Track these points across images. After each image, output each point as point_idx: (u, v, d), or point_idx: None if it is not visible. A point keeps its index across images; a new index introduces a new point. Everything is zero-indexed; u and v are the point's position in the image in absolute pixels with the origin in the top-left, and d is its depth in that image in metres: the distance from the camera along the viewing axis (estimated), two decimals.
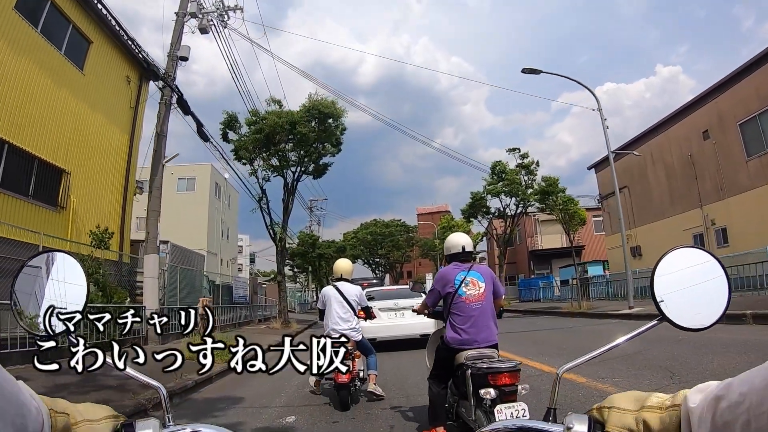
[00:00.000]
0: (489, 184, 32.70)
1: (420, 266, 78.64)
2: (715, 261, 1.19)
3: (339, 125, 23.69)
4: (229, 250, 54.14)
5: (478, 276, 4.69)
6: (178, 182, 46.26)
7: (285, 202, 24.49)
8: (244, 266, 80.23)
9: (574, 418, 0.98)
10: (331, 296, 7.19)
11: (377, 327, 11.83)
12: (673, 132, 28.58)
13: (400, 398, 7.11)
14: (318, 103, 22.63)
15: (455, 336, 4.49)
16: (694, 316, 1.19)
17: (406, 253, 71.06)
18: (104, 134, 17.07)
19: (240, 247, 75.46)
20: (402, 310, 12.99)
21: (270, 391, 8.15)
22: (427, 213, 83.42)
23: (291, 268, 56.13)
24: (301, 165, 24.42)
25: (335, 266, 7.77)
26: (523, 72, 19.71)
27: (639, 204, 31.70)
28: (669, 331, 1.37)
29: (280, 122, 21.82)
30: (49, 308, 1.18)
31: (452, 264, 4.86)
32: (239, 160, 23.10)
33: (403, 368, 10.03)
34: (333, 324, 7.02)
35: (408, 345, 12.47)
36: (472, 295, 4.57)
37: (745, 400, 0.65)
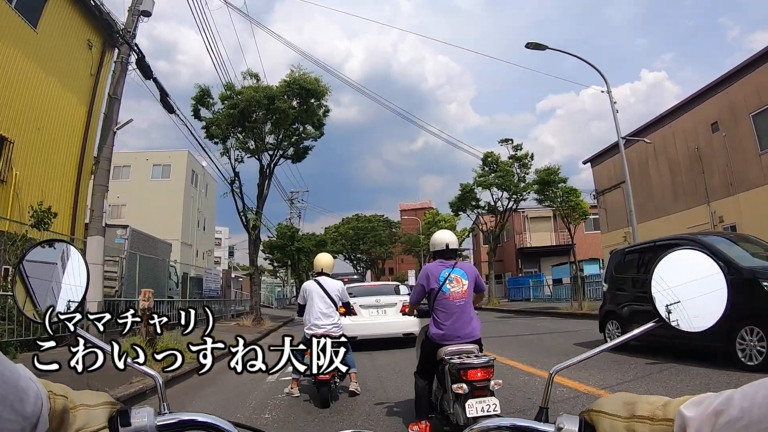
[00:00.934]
0: (480, 175, 30.86)
1: (403, 263, 77.86)
2: (713, 263, 1.17)
3: (322, 105, 21.63)
4: (206, 241, 52.23)
5: (462, 273, 4.90)
6: (152, 169, 44.71)
7: (260, 187, 22.32)
8: (223, 259, 78.82)
9: (566, 419, 0.96)
10: (312, 291, 7.19)
11: (358, 325, 11.63)
12: (678, 124, 26.75)
13: (380, 394, 7.24)
14: (300, 78, 20.55)
15: (438, 331, 4.74)
16: (692, 318, 1.17)
17: (389, 250, 69.66)
18: (58, 102, 15.05)
19: (218, 240, 73.89)
20: (384, 307, 12.52)
21: (237, 395, 7.84)
22: (411, 209, 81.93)
23: (270, 262, 54.51)
24: (279, 147, 22.33)
25: (316, 260, 7.73)
26: (527, 47, 17.88)
27: (639, 200, 29.81)
28: None
29: (256, 96, 19.73)
30: (49, 308, 1.18)
31: (437, 261, 5.06)
32: (210, 139, 20.94)
33: (382, 366, 9.84)
34: (315, 319, 7.03)
35: (387, 344, 12.02)
36: (455, 292, 4.78)
37: (744, 415, 0.62)
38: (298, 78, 20.53)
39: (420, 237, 53.65)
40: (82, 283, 1.24)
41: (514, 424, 1.05)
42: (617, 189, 32.06)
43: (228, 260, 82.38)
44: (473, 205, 32.68)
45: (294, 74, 20.80)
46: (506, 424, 1.06)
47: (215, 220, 56.24)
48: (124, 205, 41.50)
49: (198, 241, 48.07)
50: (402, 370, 8.68)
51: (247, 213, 21.54)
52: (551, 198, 21.68)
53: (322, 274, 7.37)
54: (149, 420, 0.97)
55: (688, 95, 27.26)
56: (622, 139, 18.98)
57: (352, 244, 68.01)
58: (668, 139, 26.75)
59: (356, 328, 11.50)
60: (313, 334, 6.89)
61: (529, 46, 17.85)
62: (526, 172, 30.50)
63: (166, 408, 1.07)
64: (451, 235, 5.21)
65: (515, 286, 42.80)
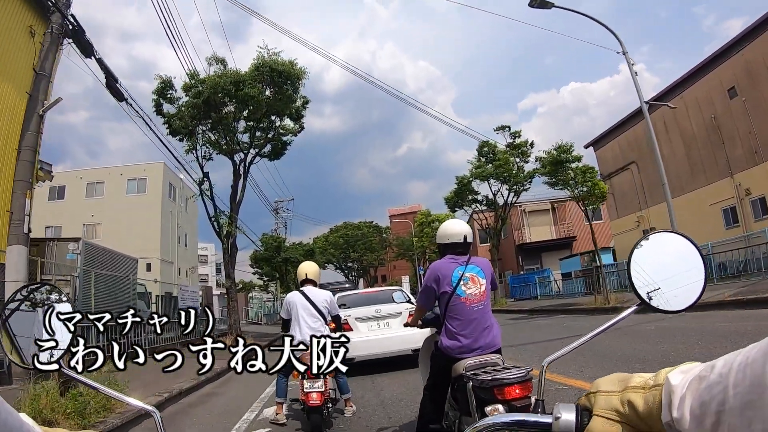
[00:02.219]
0: (477, 166, 28.44)
1: (395, 269, 76.19)
2: (690, 244, 1.23)
3: (298, 90, 19.06)
4: (188, 258, 49.68)
5: (478, 271, 4.10)
6: (127, 184, 42.75)
7: (234, 189, 19.75)
8: (210, 276, 76.68)
9: (562, 407, 0.96)
10: (297, 303, 6.35)
11: (355, 343, 8.65)
12: (690, 94, 24.50)
13: (380, 417, 6.43)
14: (271, 60, 17.97)
15: (453, 343, 3.95)
16: (672, 299, 1.22)
17: (380, 256, 67.49)
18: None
19: (204, 257, 71.60)
20: (387, 318, 10.00)
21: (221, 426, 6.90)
22: (400, 214, 79.67)
23: (260, 276, 52.37)
24: (253, 142, 19.83)
25: (300, 269, 6.90)
26: (530, 6, 15.52)
27: (651, 181, 27.59)
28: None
29: (221, 82, 17.23)
30: (34, 356, 1.27)
31: (447, 257, 4.18)
32: (174, 135, 18.39)
33: (380, 383, 8.59)
34: (301, 336, 5.99)
35: (391, 364, 9.73)
36: (472, 295, 4.00)
37: (722, 380, 0.66)
38: (269, 60, 18.01)
39: (413, 240, 51.35)
40: (69, 326, 1.33)
41: (514, 419, 1.05)
42: (625, 171, 29.86)
43: (216, 277, 79.83)
44: (471, 199, 30.23)
45: (262, 55, 18.32)
46: (506, 420, 1.05)
47: (197, 236, 53.52)
48: (99, 223, 39.92)
49: (180, 258, 45.56)
50: (410, 393, 7.16)
51: (219, 218, 18.99)
52: (565, 180, 19.22)
53: (308, 282, 6.49)
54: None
55: (684, 72, 25.24)
56: (645, 103, 16.54)
57: (342, 253, 65.53)
58: (680, 111, 24.36)
59: (353, 347, 8.67)
60: (301, 353, 4.93)
61: (533, 4, 15.50)
62: (526, 161, 28.17)
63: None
64: (467, 226, 4.37)
65: (519, 285, 40.37)
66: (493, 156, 28.14)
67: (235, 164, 19.82)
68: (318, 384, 5.66)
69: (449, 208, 31.41)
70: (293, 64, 18.33)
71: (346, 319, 9.25)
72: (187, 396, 9.24)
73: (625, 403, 0.83)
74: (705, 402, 0.68)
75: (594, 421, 0.87)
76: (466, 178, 29.06)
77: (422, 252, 51.65)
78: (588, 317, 17.07)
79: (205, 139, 19.11)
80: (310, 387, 5.65)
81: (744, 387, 0.62)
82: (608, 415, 0.85)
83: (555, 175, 19.78)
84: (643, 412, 0.80)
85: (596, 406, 0.88)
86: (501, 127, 28.79)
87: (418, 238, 49.57)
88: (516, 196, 29.45)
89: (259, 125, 19.65)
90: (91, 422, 6.11)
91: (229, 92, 17.34)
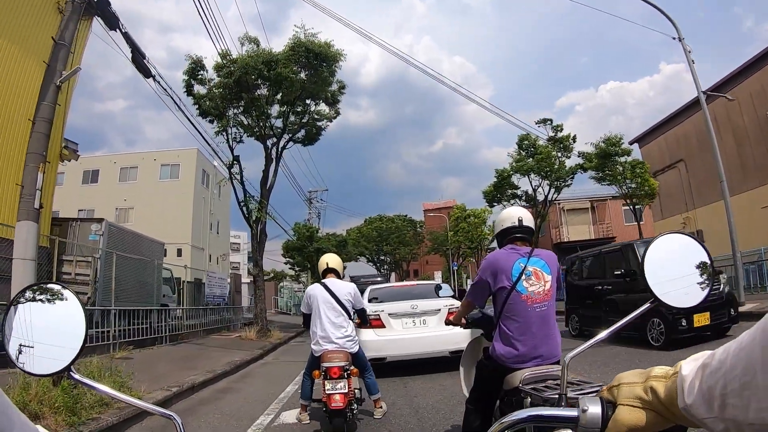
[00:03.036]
0: (517, 160, 27.30)
1: (428, 264, 75.07)
2: (698, 244, 1.32)
3: (334, 73, 18.22)
4: (220, 245, 49.65)
5: (543, 265, 3.43)
6: (160, 169, 42.67)
7: (265, 173, 19.05)
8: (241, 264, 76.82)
9: (588, 400, 1.00)
10: (318, 297, 5.78)
11: (387, 341, 8.72)
12: (743, 89, 22.99)
13: (413, 427, 5.57)
14: (307, 41, 17.15)
15: (509, 350, 3.30)
16: (682, 296, 1.31)
17: (413, 250, 66.53)
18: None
19: (236, 245, 71.71)
20: (424, 315, 8.99)
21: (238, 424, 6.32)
22: (435, 209, 78.57)
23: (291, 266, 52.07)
24: (286, 127, 19.10)
25: (321, 260, 6.27)
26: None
27: (699, 180, 26.19)
28: None
29: (253, 62, 16.49)
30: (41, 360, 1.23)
31: (507, 247, 3.55)
32: (204, 117, 17.75)
33: (414, 388, 7.66)
34: (322, 332, 5.59)
35: (427, 366, 8.83)
36: (535, 293, 3.33)
37: (722, 366, 0.72)
38: (304, 41, 17.16)
39: (448, 234, 50.30)
40: (79, 329, 1.28)
41: (539, 414, 1.05)
42: (672, 169, 28.38)
43: (247, 266, 80.00)
44: (510, 194, 29.09)
45: (298, 36, 17.44)
46: (534, 414, 1.05)
47: (230, 223, 53.37)
48: (131, 208, 40.04)
49: (211, 245, 45.48)
50: (448, 402, 6.41)
51: (249, 203, 18.31)
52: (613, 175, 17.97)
53: (330, 272, 6.02)
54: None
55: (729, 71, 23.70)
56: (703, 93, 15.31)
57: (375, 246, 64.76)
58: (732, 107, 22.86)
59: (385, 346, 8.69)
60: (323, 351, 5.48)
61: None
62: (568, 156, 26.91)
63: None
64: (523, 210, 3.79)
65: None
66: (534, 149, 27.00)
67: (267, 148, 19.13)
68: (341, 385, 5.15)
69: (487, 202, 30.32)
70: (330, 45, 17.46)
71: (378, 315, 8.85)
72: (200, 390, 8.51)
73: (648, 391, 0.89)
74: (711, 387, 0.74)
75: (619, 410, 0.92)
76: (506, 171, 27.95)
77: (457, 247, 50.67)
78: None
79: (236, 122, 18.42)
80: (332, 388, 5.14)
81: (740, 370, 0.68)
82: (633, 404, 0.91)
83: (602, 170, 18.59)
84: (665, 399, 0.85)
85: (620, 397, 0.93)
86: (542, 120, 27.51)
87: (453, 232, 48.60)
88: (557, 192, 28.19)
89: (293, 109, 18.85)
90: (83, 419, 5.38)
91: (261, 72, 16.60)
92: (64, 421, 5.20)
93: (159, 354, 12.73)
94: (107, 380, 6.40)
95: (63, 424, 5.16)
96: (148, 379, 7.09)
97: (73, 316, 1.28)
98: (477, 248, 47.33)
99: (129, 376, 6.73)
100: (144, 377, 6.93)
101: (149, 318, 14.95)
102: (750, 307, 13.12)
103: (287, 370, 10.76)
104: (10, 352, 1.21)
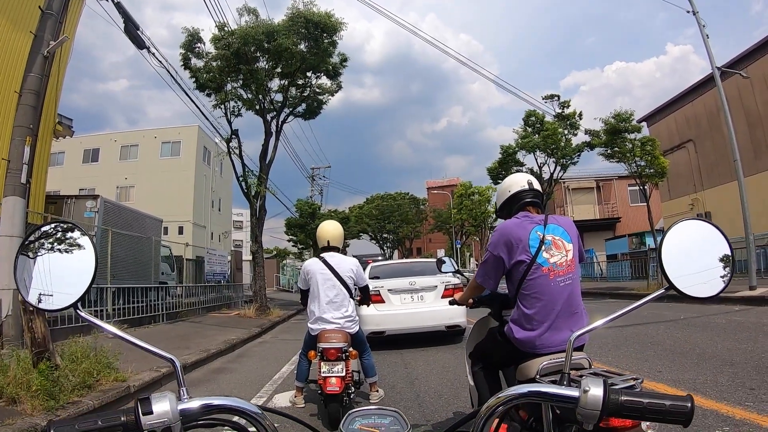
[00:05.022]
0: (523, 137, 26.74)
1: (431, 242, 75.21)
2: (718, 233, 1.32)
3: (335, 44, 17.73)
4: (222, 223, 49.36)
5: (563, 233, 2.91)
6: (161, 147, 42.44)
7: (264, 147, 18.66)
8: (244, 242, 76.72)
9: (590, 381, 0.98)
10: (315, 272, 5.39)
11: (386, 316, 9.24)
12: (755, 69, 22.28)
13: (415, 414, 5.13)
14: (306, 11, 16.63)
15: (528, 335, 2.81)
16: (700, 285, 1.28)
17: (416, 228, 66.20)
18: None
19: (239, 222, 71.49)
20: (421, 291, 9.52)
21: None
22: (438, 186, 78.35)
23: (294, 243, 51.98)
24: (287, 101, 18.66)
25: (319, 231, 5.72)
26: None
27: (709, 161, 25.71)
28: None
29: (252, 32, 15.99)
30: (50, 296, 1.25)
31: (521, 214, 3.01)
32: (202, 90, 17.31)
33: (416, 371, 7.24)
34: (321, 312, 5.26)
35: (423, 340, 9.53)
36: (557, 265, 2.81)
37: None
38: (304, 11, 16.67)
39: (452, 212, 49.93)
40: (89, 267, 1.28)
41: (539, 391, 1.05)
42: (681, 149, 27.87)
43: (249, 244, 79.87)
44: (515, 171, 28.55)
45: (296, 6, 16.96)
46: (533, 390, 1.05)
47: (232, 201, 53.07)
48: (132, 186, 39.98)
49: (213, 222, 45.26)
50: (452, 388, 6.03)
51: (248, 177, 17.94)
52: (622, 152, 17.41)
53: (329, 249, 5.58)
54: (171, 406, 0.96)
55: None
56: (717, 69, 14.77)
57: (377, 223, 64.39)
58: (744, 87, 22.27)
59: (384, 320, 9.22)
60: (320, 330, 5.17)
61: None
62: (575, 133, 26.32)
63: (185, 393, 1.07)
64: (529, 175, 3.23)
65: None
66: (541, 126, 26.43)
67: (266, 122, 18.70)
68: (338, 367, 4.87)
69: (492, 179, 29.76)
70: (330, 15, 16.95)
71: (378, 291, 9.21)
72: (192, 370, 8.21)
73: None
74: None
75: None
76: (511, 148, 27.41)
77: (460, 225, 50.34)
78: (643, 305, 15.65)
79: (235, 95, 17.97)
80: (329, 371, 4.84)
81: None
82: None
83: (611, 146, 18.05)
84: None
85: None
86: (549, 96, 26.87)
87: (457, 210, 48.22)
88: (563, 171, 27.64)
89: (294, 81, 18.40)
90: (62, 403, 5.06)
91: (261, 44, 16.13)
92: (41, 405, 4.88)
93: (154, 333, 12.45)
94: (91, 360, 6.09)
95: (40, 408, 4.84)
96: (139, 358, 6.76)
97: (84, 255, 1.28)
98: (481, 226, 46.94)
99: (116, 356, 6.41)
100: (135, 357, 6.58)
101: (147, 296, 14.65)
102: (762, 292, 12.79)
103: (284, 348, 10.50)
104: (17, 281, 1.25)
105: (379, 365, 6.02)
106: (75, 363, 5.92)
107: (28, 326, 5.74)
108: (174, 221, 34.26)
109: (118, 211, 15.94)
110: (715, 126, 24.62)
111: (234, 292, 23.71)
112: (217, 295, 20.84)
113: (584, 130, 24.86)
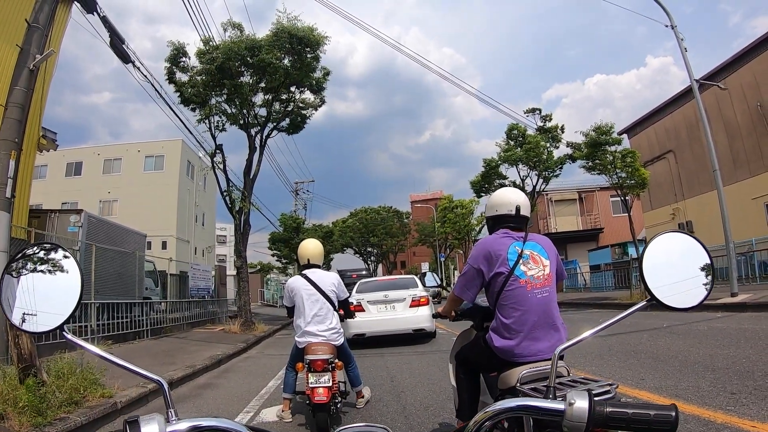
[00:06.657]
0: (505, 150, 26.92)
1: (415, 255, 75.38)
2: (698, 244, 1.35)
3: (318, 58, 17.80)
4: (206, 238, 49.11)
5: (540, 249, 3.13)
6: (145, 161, 42.12)
7: (248, 162, 18.62)
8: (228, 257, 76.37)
9: (575, 394, 0.99)
10: (299, 289, 5.59)
11: (366, 322, 11.69)
12: (733, 80, 22.72)
13: (398, 419, 5.40)
14: (290, 26, 16.71)
15: (507, 344, 2.98)
16: (681, 296, 1.33)
17: (400, 242, 66.19)
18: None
19: (223, 237, 71.28)
20: (393, 302, 12.12)
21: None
22: (421, 200, 78.69)
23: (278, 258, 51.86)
24: (270, 116, 18.72)
25: (300, 250, 5.90)
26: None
27: (689, 171, 26.10)
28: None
29: (236, 47, 16.06)
30: (35, 316, 1.25)
31: (501, 231, 3.22)
32: (186, 104, 17.31)
33: (402, 384, 7.33)
34: (306, 326, 5.45)
35: (396, 342, 11.70)
36: (534, 278, 3.01)
37: None
38: (288, 26, 16.75)
39: (435, 225, 50.08)
40: (75, 289, 1.29)
41: (526, 405, 1.05)
42: (662, 160, 28.30)
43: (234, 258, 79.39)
44: (498, 184, 28.68)
45: (281, 21, 17.03)
46: (519, 404, 1.05)
47: (216, 215, 52.87)
48: (115, 200, 39.66)
49: (197, 237, 45.01)
50: (438, 399, 6.13)
51: (232, 193, 17.94)
52: (603, 164, 17.68)
53: (311, 266, 5.76)
54: (160, 428, 0.96)
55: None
56: (696, 81, 15.07)
57: (361, 237, 64.33)
58: (723, 98, 22.69)
59: (364, 325, 11.66)
60: (307, 343, 5.36)
61: None
62: (556, 146, 26.60)
63: (173, 414, 1.07)
64: (523, 196, 3.37)
65: None
66: (523, 139, 26.65)
67: (250, 137, 18.69)
68: (325, 378, 5.01)
69: (475, 192, 29.93)
70: (312, 29, 17.04)
71: (360, 302, 11.74)
72: (178, 386, 8.18)
73: None
74: None
75: None
76: (494, 161, 27.58)
77: (444, 238, 50.48)
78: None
79: (219, 110, 17.97)
80: (316, 381, 4.99)
81: None
82: None
83: (592, 159, 18.32)
84: None
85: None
86: (531, 110, 27.12)
87: (440, 224, 48.36)
88: (545, 183, 27.86)
89: (278, 96, 18.46)
90: (49, 420, 5.04)
91: (245, 58, 16.20)
92: (29, 421, 4.86)
93: (139, 349, 12.36)
94: (77, 376, 6.06)
95: (28, 424, 4.82)
96: (126, 374, 6.72)
97: (69, 276, 1.29)
98: (464, 239, 47.10)
99: (102, 372, 6.38)
100: (121, 373, 6.52)
101: (131, 312, 14.55)
102: (743, 298, 13.00)
103: (270, 364, 10.52)
104: (1, 300, 1.25)
105: (365, 378, 6.12)
106: (61, 379, 5.89)
107: (15, 342, 5.72)
108: (157, 236, 34.07)
109: (102, 225, 15.85)
110: (694, 137, 25.02)
111: (218, 307, 23.57)
112: (202, 310, 20.72)
113: (566, 143, 25.16)
